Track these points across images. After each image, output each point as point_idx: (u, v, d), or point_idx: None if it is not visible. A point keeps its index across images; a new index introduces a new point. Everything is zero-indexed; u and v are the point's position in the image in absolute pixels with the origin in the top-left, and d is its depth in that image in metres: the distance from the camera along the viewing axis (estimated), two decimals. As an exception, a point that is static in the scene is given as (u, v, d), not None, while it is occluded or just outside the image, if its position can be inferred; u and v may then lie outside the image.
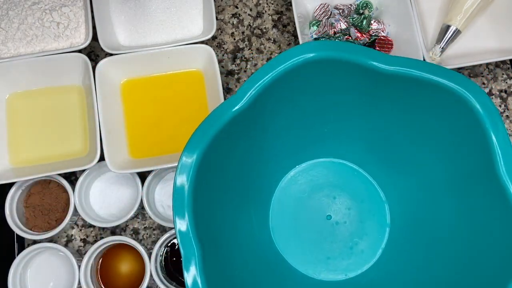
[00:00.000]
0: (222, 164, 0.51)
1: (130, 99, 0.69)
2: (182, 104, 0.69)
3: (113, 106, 0.67)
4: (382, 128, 0.57)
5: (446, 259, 0.53)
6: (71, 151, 0.67)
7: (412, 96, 0.51)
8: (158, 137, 0.68)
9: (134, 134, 0.68)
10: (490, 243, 0.49)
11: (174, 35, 0.72)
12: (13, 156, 0.67)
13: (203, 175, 0.47)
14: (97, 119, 0.63)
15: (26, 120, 0.68)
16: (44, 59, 0.66)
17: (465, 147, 0.51)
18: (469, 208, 0.52)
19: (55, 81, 0.69)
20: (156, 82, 0.70)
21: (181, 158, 0.46)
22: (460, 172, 0.52)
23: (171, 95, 0.69)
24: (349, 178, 0.64)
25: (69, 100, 0.69)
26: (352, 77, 0.51)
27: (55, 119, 0.68)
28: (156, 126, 0.68)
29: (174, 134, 0.68)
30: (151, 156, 0.67)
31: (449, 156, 0.53)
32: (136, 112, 0.69)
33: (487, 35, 0.73)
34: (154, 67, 0.69)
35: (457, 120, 0.50)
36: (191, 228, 0.45)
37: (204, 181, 0.47)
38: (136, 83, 0.69)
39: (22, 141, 0.67)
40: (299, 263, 0.61)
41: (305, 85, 0.52)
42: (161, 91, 0.69)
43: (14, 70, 0.67)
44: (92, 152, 0.63)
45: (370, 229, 0.62)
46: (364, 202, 0.63)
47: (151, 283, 0.66)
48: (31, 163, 0.66)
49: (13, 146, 0.67)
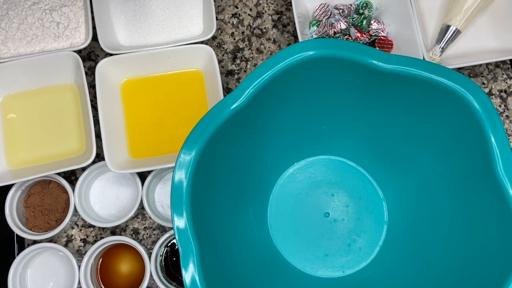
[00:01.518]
0: (221, 161, 0.51)
1: (130, 99, 0.69)
2: (182, 104, 0.69)
3: (113, 106, 0.67)
4: (381, 127, 0.57)
5: (443, 257, 0.53)
6: (68, 150, 0.67)
7: (411, 95, 0.51)
8: (158, 137, 0.68)
9: (134, 134, 0.68)
10: (487, 242, 0.48)
11: (174, 35, 0.72)
12: (10, 158, 0.67)
13: (202, 172, 0.47)
14: (91, 116, 0.63)
15: (21, 121, 0.68)
16: (36, 59, 0.66)
17: (463, 146, 0.50)
18: (466, 207, 0.52)
19: (48, 81, 0.69)
20: (156, 82, 0.70)
21: (179, 155, 0.46)
22: (458, 171, 0.52)
23: (171, 95, 0.69)
24: (348, 176, 0.64)
25: (63, 99, 0.69)
26: (351, 75, 0.51)
27: (50, 119, 0.68)
28: (156, 126, 0.68)
29: (174, 134, 0.68)
30: (151, 156, 0.67)
31: (447, 155, 0.53)
32: (136, 112, 0.69)
33: (487, 35, 0.73)
34: (154, 67, 0.69)
35: (456, 120, 0.50)
36: (189, 226, 0.45)
37: (202, 179, 0.47)
38: (136, 83, 0.69)
39: (19, 142, 0.67)
40: (297, 260, 0.61)
41: (304, 83, 0.52)
42: (161, 91, 0.69)
43: (7, 71, 0.67)
44: (88, 151, 0.64)
45: (367, 226, 0.62)
46: (362, 199, 0.63)
47: (151, 283, 0.66)
48: (28, 164, 0.66)
49: (9, 148, 0.67)
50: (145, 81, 0.69)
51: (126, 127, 0.68)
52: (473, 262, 0.50)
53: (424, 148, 0.55)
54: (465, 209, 0.52)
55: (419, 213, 0.58)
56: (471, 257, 0.50)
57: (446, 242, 0.54)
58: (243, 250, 0.56)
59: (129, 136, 0.67)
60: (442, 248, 0.54)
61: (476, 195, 0.50)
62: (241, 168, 0.56)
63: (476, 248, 0.50)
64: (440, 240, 0.54)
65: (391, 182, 0.62)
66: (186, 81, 0.70)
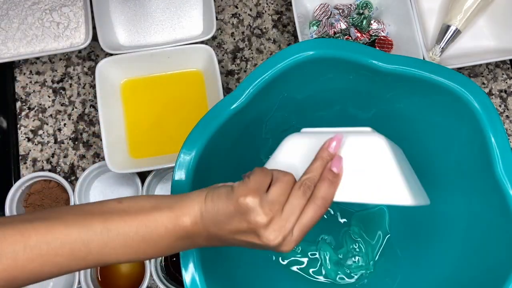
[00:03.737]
0: (221, 161, 0.51)
1: (130, 99, 0.69)
2: (182, 104, 0.69)
3: (113, 106, 0.67)
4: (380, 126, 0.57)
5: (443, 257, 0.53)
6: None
7: (411, 95, 0.51)
8: (158, 137, 0.68)
9: (134, 134, 0.68)
10: (487, 242, 0.49)
11: (174, 35, 0.72)
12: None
13: (201, 171, 0.47)
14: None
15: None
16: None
17: (463, 146, 0.50)
18: (466, 207, 0.51)
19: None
20: (156, 82, 0.70)
21: (179, 155, 0.46)
22: (458, 171, 0.52)
23: (171, 95, 0.69)
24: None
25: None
26: (351, 75, 0.50)
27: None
28: (156, 126, 0.68)
29: (174, 134, 0.68)
30: (151, 156, 0.67)
31: (447, 155, 0.53)
32: (136, 112, 0.69)
33: (487, 35, 0.73)
34: (154, 67, 0.69)
35: (456, 120, 0.50)
36: (189, 225, 0.44)
37: (202, 178, 0.47)
38: (136, 83, 0.69)
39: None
40: (298, 261, 0.61)
41: (304, 83, 0.51)
42: (161, 91, 0.69)
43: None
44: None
45: (369, 228, 0.62)
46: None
47: (151, 283, 0.66)
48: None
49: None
50: (145, 81, 0.69)
51: (126, 127, 0.68)
52: (473, 262, 0.49)
53: (424, 149, 0.55)
54: (465, 209, 0.52)
55: (419, 215, 0.58)
56: (471, 257, 0.50)
57: (446, 242, 0.54)
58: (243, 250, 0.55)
59: (129, 136, 0.67)
60: (442, 248, 0.54)
61: (476, 195, 0.50)
62: (241, 168, 0.56)
63: (476, 248, 0.50)
64: (440, 240, 0.54)
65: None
66: (186, 81, 0.70)
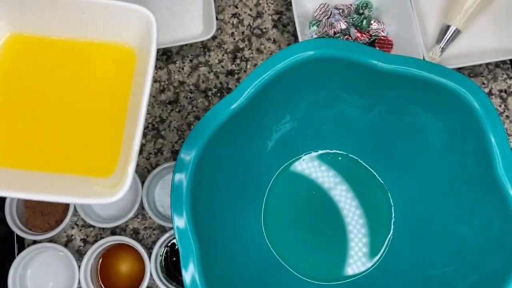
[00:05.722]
0: (221, 161, 0.51)
1: (12, 67, 0.42)
2: (87, 95, 0.43)
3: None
4: (380, 126, 0.57)
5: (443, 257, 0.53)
6: None
7: (411, 95, 0.51)
8: (33, 138, 0.41)
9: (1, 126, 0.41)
10: (487, 242, 0.49)
11: (174, 35, 0.72)
12: None
13: (202, 172, 0.47)
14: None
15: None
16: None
17: (463, 146, 0.51)
18: (467, 206, 0.52)
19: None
20: (57, 49, 0.43)
21: (179, 155, 0.46)
22: (458, 171, 0.52)
23: (75, 76, 0.43)
24: (348, 176, 0.63)
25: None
26: (352, 75, 0.51)
27: None
28: (38, 119, 0.41)
29: (59, 141, 0.41)
30: (15, 167, 0.40)
31: (447, 156, 0.53)
32: (15, 90, 0.42)
33: (487, 35, 0.72)
34: (60, 23, 0.42)
35: (456, 120, 0.50)
36: (189, 226, 0.45)
37: (202, 178, 0.47)
38: (27, 44, 0.43)
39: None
40: (298, 262, 0.61)
41: (304, 83, 0.52)
42: (63, 65, 0.43)
43: None
44: None
45: (371, 229, 0.62)
46: (364, 199, 0.63)
47: (151, 283, 0.65)
48: None
49: None
50: (41, 43, 0.43)
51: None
52: (473, 262, 0.50)
53: (424, 149, 0.55)
54: (465, 209, 0.52)
55: (421, 215, 0.58)
56: (471, 257, 0.50)
57: (446, 242, 0.54)
58: (243, 250, 0.56)
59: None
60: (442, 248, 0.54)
61: (476, 194, 0.50)
62: (241, 168, 0.56)
63: (476, 248, 0.50)
64: (440, 240, 0.54)
65: (392, 182, 0.62)
66: (105, 59, 0.43)
